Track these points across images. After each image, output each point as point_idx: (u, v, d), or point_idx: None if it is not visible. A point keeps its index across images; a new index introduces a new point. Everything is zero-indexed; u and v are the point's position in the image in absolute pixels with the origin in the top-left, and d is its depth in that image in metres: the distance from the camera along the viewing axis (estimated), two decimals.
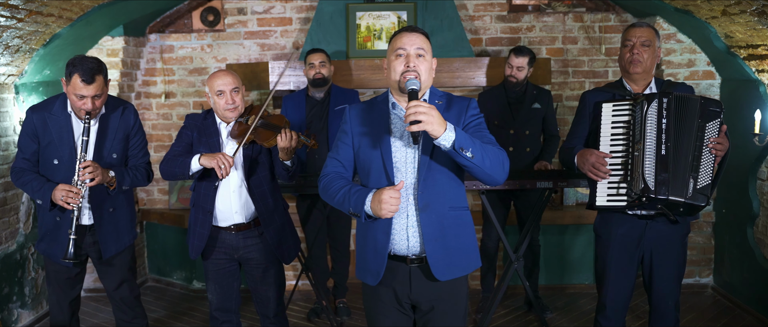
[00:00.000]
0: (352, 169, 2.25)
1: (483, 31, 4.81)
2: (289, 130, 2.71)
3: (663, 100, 2.61)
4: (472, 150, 1.95)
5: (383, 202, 1.99)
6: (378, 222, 2.12)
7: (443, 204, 2.12)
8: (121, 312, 3.16)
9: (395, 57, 2.10)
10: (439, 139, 1.92)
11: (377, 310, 2.24)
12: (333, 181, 2.18)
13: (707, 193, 2.59)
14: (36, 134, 2.90)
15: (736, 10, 3.43)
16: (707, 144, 2.60)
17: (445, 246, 2.12)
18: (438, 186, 2.11)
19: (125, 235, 3.05)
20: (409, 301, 2.20)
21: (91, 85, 2.75)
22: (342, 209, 2.15)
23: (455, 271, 2.15)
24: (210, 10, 4.80)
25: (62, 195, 2.76)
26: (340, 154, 2.23)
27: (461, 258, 2.17)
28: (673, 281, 2.80)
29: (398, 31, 2.16)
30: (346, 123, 2.24)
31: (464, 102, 2.19)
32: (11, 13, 3.17)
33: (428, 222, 2.10)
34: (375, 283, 2.17)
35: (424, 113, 1.87)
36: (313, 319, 4.14)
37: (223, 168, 2.68)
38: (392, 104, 2.18)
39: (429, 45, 2.14)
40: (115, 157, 2.96)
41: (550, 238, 4.60)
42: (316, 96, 3.99)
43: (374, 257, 2.15)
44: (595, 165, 2.70)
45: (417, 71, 2.06)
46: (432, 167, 2.10)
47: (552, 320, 4.10)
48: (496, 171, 2.05)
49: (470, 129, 2.14)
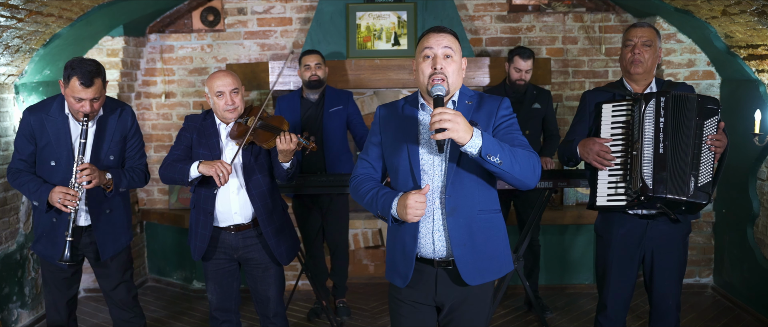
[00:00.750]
0: (382, 170, 2.23)
1: (483, 31, 4.81)
2: (289, 133, 2.71)
3: (660, 99, 2.61)
4: (500, 156, 1.90)
5: (409, 207, 1.97)
6: (406, 225, 2.10)
7: (472, 207, 2.08)
8: (119, 312, 3.15)
9: (423, 59, 2.06)
10: (465, 146, 1.87)
11: (402, 311, 2.22)
12: (362, 183, 2.17)
13: (708, 191, 2.59)
14: (33, 135, 2.89)
15: (736, 10, 3.43)
16: (706, 141, 2.60)
17: (474, 250, 2.08)
18: (466, 189, 2.07)
19: (122, 236, 3.05)
20: (434, 302, 2.19)
21: (90, 88, 2.74)
22: (371, 210, 2.14)
23: (486, 276, 2.12)
24: (210, 10, 4.80)
25: (59, 198, 2.75)
26: (370, 155, 2.22)
27: (491, 262, 2.13)
28: (674, 281, 2.80)
29: (426, 30, 2.10)
30: (375, 124, 2.22)
31: (495, 102, 2.12)
32: (11, 13, 3.17)
33: (456, 226, 2.06)
34: (403, 285, 2.16)
35: (449, 121, 1.82)
36: (313, 319, 4.14)
37: (222, 176, 2.68)
38: (421, 106, 2.15)
39: (458, 44, 2.09)
40: (112, 159, 2.96)
41: (550, 238, 4.60)
42: (310, 97, 3.99)
43: (402, 260, 2.14)
44: (600, 153, 2.69)
45: (444, 74, 2.01)
46: (459, 172, 2.05)
47: (552, 320, 4.10)
48: (527, 175, 1.99)
49: (501, 130, 2.09)
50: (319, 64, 3.93)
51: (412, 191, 2.00)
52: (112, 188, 2.91)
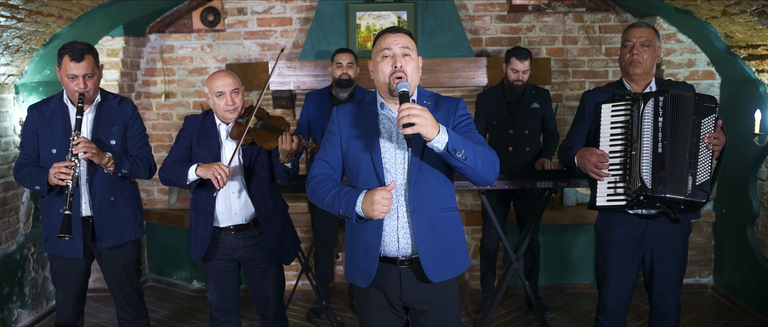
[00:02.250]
0: (341, 170, 2.24)
1: (483, 31, 4.81)
2: (289, 133, 2.70)
3: (659, 98, 2.61)
4: (464, 151, 1.95)
5: (375, 203, 1.98)
6: (368, 223, 2.11)
7: (434, 205, 2.11)
8: (123, 311, 3.16)
9: (381, 58, 2.09)
10: (432, 141, 1.91)
11: (369, 311, 2.23)
12: (321, 183, 2.16)
13: (707, 190, 2.59)
14: (35, 129, 2.96)
15: (736, 10, 3.43)
16: (704, 140, 2.60)
17: (437, 247, 2.11)
18: (429, 187, 2.10)
19: (126, 230, 3.04)
20: (401, 302, 2.20)
21: (80, 63, 2.81)
22: (331, 211, 2.13)
23: (448, 272, 2.15)
24: (210, 10, 4.80)
25: (55, 171, 2.77)
26: (329, 155, 2.21)
27: (453, 259, 2.16)
28: (674, 281, 2.80)
29: (382, 31, 2.14)
30: (333, 124, 2.23)
31: (452, 102, 2.18)
32: (11, 13, 3.18)
33: (420, 223, 2.09)
34: (366, 285, 2.16)
35: (418, 116, 1.85)
36: (313, 319, 4.15)
37: (220, 178, 2.67)
38: (380, 105, 2.17)
39: (414, 44, 2.13)
40: (114, 144, 2.99)
41: (550, 238, 4.60)
42: (340, 96, 3.98)
43: (365, 259, 2.15)
44: (597, 165, 2.70)
45: (404, 71, 2.05)
46: (423, 168, 2.09)
47: (552, 320, 4.10)
48: (488, 171, 2.05)
49: (460, 129, 2.13)
50: (351, 64, 3.93)
51: (378, 188, 2.02)
52: (114, 169, 2.91)
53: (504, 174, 3.66)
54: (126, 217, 3.04)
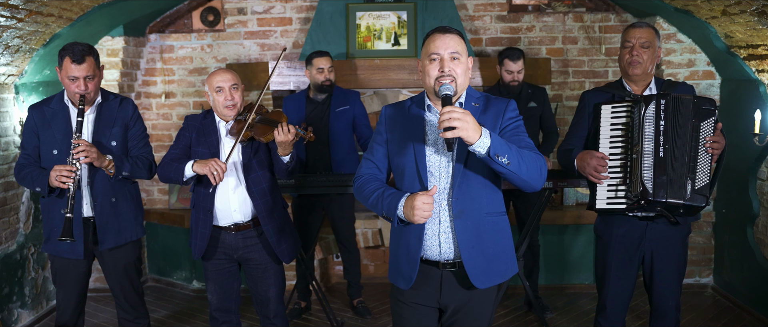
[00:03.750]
0: (387, 171, 2.22)
1: (483, 31, 4.81)
2: (286, 124, 2.71)
3: (661, 101, 2.60)
4: (508, 156, 1.89)
5: (416, 208, 1.96)
6: (411, 226, 2.09)
7: (479, 210, 2.07)
8: (124, 311, 3.16)
9: (429, 61, 2.04)
10: (473, 145, 1.86)
11: (404, 313, 2.21)
12: (367, 183, 2.16)
13: (706, 193, 2.59)
14: (36, 129, 2.96)
15: (736, 10, 3.43)
16: (703, 143, 2.59)
17: (482, 252, 2.08)
18: (473, 192, 2.06)
19: (127, 230, 3.04)
20: (438, 304, 2.18)
21: (81, 65, 2.81)
22: (375, 211, 2.13)
23: (493, 278, 2.11)
24: (210, 10, 4.80)
25: (56, 174, 2.78)
26: (375, 155, 2.20)
27: (498, 265, 2.13)
28: (674, 282, 2.80)
29: (431, 31, 2.08)
30: (381, 124, 2.21)
31: (502, 104, 2.11)
32: (11, 13, 3.18)
33: (464, 228, 2.06)
34: (407, 287, 2.15)
35: (459, 119, 1.81)
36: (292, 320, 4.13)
37: (216, 174, 2.68)
38: (427, 107, 2.14)
39: (464, 46, 2.07)
40: (114, 145, 2.99)
41: (550, 238, 4.60)
42: (317, 97, 3.99)
43: (407, 261, 2.13)
44: (597, 168, 2.69)
45: (452, 75, 2.01)
46: (467, 173, 2.05)
47: (552, 320, 4.10)
48: (534, 177, 1.98)
49: (508, 132, 2.08)
50: (332, 68, 3.92)
51: (419, 192, 1.99)
52: (114, 172, 2.91)
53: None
54: (127, 218, 3.04)
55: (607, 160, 2.69)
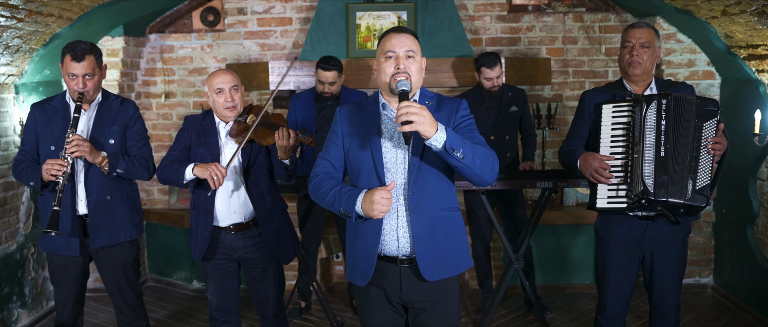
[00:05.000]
0: (343, 169, 2.25)
1: (483, 31, 4.80)
2: (287, 129, 2.71)
3: (662, 101, 2.60)
4: (463, 150, 1.95)
5: (375, 202, 2.00)
6: (368, 222, 2.12)
7: (434, 205, 2.12)
8: (121, 312, 3.15)
9: (385, 59, 2.10)
10: (430, 139, 1.92)
11: (369, 310, 2.24)
12: (323, 182, 2.18)
13: (706, 194, 2.59)
14: (36, 127, 2.99)
15: (736, 10, 3.43)
16: (705, 144, 2.59)
17: (434, 247, 2.12)
18: (428, 187, 2.11)
19: (121, 230, 3.03)
20: (400, 300, 2.21)
21: (81, 62, 2.83)
22: (332, 209, 2.15)
23: (444, 272, 2.16)
24: (210, 10, 4.80)
25: (47, 167, 2.79)
26: (331, 154, 2.23)
27: (451, 259, 2.17)
28: (674, 281, 2.80)
29: (386, 31, 2.15)
30: (336, 123, 2.25)
31: (454, 103, 2.19)
32: (11, 13, 3.18)
33: (418, 223, 2.10)
34: (364, 283, 2.18)
35: (416, 113, 1.87)
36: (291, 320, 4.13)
37: (216, 179, 2.68)
38: (382, 105, 2.19)
39: (418, 45, 2.14)
40: (112, 143, 2.99)
41: (549, 238, 4.60)
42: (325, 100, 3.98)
43: (364, 258, 2.16)
44: (598, 170, 2.70)
45: (408, 72, 2.06)
46: (422, 168, 2.10)
47: (552, 320, 4.10)
48: (486, 172, 2.05)
49: (461, 130, 2.14)
50: (334, 82, 3.89)
51: (377, 187, 2.03)
52: (108, 169, 2.91)
53: (503, 174, 3.66)
54: (121, 218, 3.03)
55: (608, 164, 2.69)
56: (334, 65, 3.87)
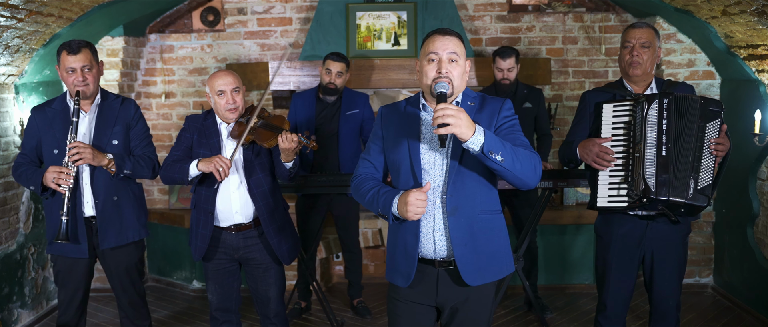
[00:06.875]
0: (384, 170, 2.24)
1: (483, 31, 4.81)
2: (290, 132, 2.71)
3: (663, 100, 2.60)
4: (502, 153, 1.91)
5: (409, 204, 1.97)
6: (407, 224, 2.10)
7: (473, 207, 2.08)
8: (125, 312, 3.15)
9: (427, 62, 2.06)
10: (467, 142, 1.88)
11: (401, 310, 2.21)
12: (364, 182, 2.18)
13: (708, 194, 2.59)
14: (37, 131, 2.97)
15: (736, 10, 3.43)
16: (708, 144, 2.59)
17: (475, 250, 2.08)
18: (467, 189, 2.07)
19: (129, 230, 3.03)
20: (435, 303, 2.19)
21: (77, 55, 2.83)
22: (371, 209, 2.14)
23: (486, 276, 2.12)
24: (210, 10, 4.80)
25: (53, 177, 2.78)
26: (372, 155, 2.23)
27: (492, 263, 2.13)
28: (674, 281, 2.80)
29: (430, 33, 2.10)
30: (377, 124, 2.24)
31: (498, 103, 2.14)
32: (11, 13, 3.18)
33: (457, 226, 2.06)
34: (406, 285, 2.15)
35: (452, 116, 1.82)
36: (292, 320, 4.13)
37: (222, 170, 2.68)
38: (423, 106, 2.16)
39: (462, 47, 2.09)
40: (115, 144, 2.98)
41: (549, 238, 4.60)
42: (327, 99, 3.99)
43: (404, 259, 2.14)
44: (600, 154, 2.69)
45: (449, 77, 2.02)
46: (461, 170, 2.06)
47: (552, 320, 4.10)
48: (528, 175, 2.00)
49: (502, 131, 2.09)
50: (341, 73, 3.91)
51: (413, 189, 2.01)
52: (116, 170, 2.91)
53: None
54: (129, 218, 3.03)
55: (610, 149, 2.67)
56: (344, 58, 3.94)
